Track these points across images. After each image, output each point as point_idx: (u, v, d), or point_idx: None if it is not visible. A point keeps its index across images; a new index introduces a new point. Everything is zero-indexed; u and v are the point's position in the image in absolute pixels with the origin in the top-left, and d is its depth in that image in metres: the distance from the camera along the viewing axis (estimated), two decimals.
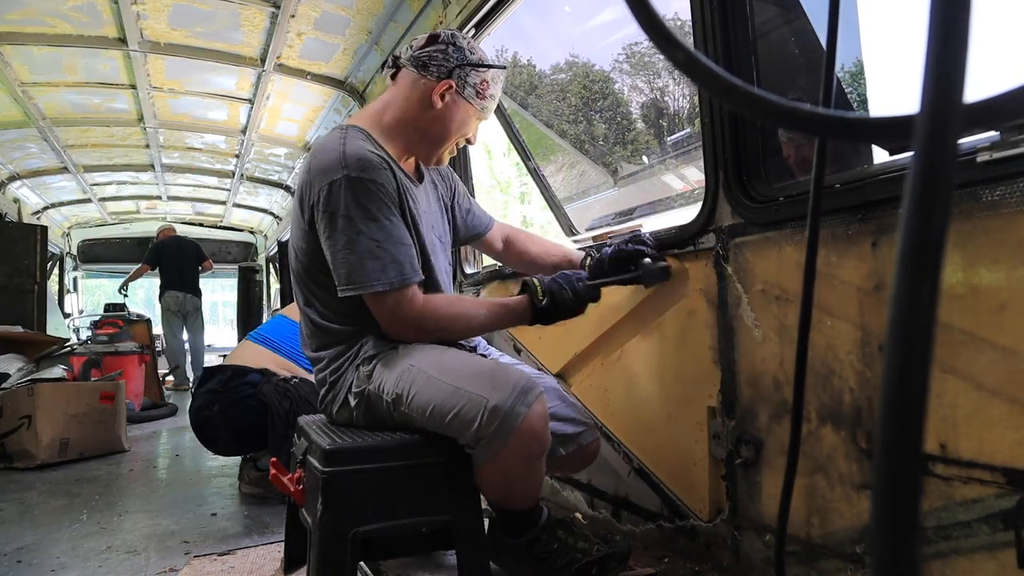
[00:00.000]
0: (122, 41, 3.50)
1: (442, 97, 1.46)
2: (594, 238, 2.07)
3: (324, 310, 1.47)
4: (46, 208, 6.83)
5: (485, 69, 1.48)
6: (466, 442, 1.29)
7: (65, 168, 5.64)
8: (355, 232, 1.34)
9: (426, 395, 1.30)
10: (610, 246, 1.62)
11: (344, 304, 1.42)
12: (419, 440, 1.32)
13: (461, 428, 1.27)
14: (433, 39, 1.48)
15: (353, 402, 1.44)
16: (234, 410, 2.12)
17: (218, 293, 19.24)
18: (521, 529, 1.45)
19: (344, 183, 1.34)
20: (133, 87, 4.12)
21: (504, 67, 1.57)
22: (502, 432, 1.24)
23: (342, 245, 1.34)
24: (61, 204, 6.93)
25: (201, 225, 8.68)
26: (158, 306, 6.83)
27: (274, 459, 1.54)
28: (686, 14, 1.62)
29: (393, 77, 1.54)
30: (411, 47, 1.49)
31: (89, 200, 6.87)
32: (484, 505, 1.42)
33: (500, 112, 3.14)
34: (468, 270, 2.88)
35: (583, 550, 1.46)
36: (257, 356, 2.30)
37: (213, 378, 2.23)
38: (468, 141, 1.59)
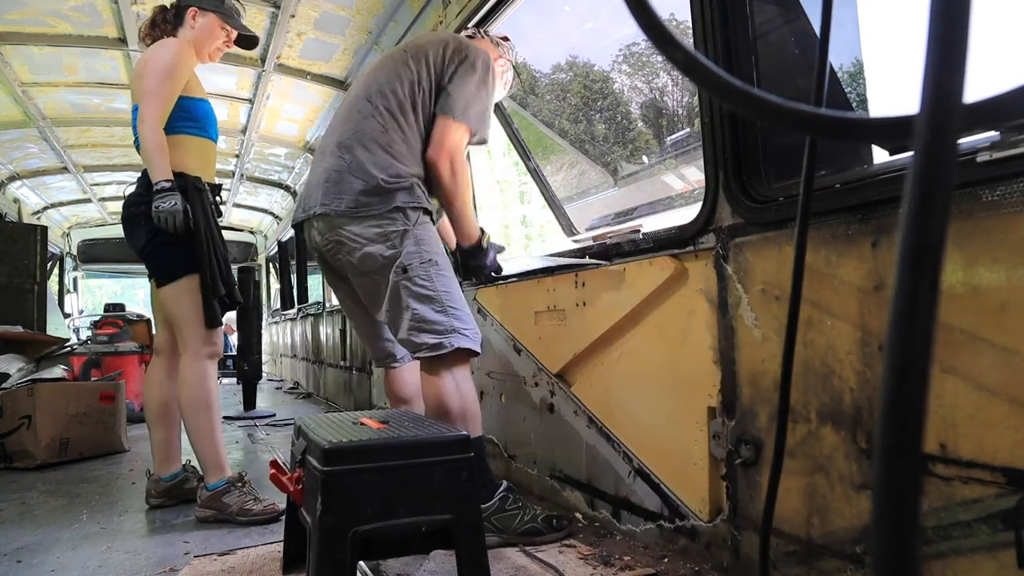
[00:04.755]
0: (122, 41, 3.50)
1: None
2: (594, 238, 2.07)
3: (399, 143, 1.85)
4: (46, 208, 6.83)
5: None
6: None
7: (65, 168, 5.64)
8: (482, 86, 1.92)
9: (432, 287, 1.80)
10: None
11: (415, 137, 1.88)
12: (419, 440, 1.32)
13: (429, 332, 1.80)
14: None
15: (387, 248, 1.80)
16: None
17: None
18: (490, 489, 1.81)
19: (485, 58, 1.94)
20: None
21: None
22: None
23: (473, 89, 1.89)
24: (61, 204, 6.92)
25: None
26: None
27: (273, 459, 1.54)
28: (684, 15, 1.63)
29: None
30: None
31: (89, 200, 6.87)
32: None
33: (500, 112, 3.14)
34: None
35: (536, 510, 1.87)
36: None
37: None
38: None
